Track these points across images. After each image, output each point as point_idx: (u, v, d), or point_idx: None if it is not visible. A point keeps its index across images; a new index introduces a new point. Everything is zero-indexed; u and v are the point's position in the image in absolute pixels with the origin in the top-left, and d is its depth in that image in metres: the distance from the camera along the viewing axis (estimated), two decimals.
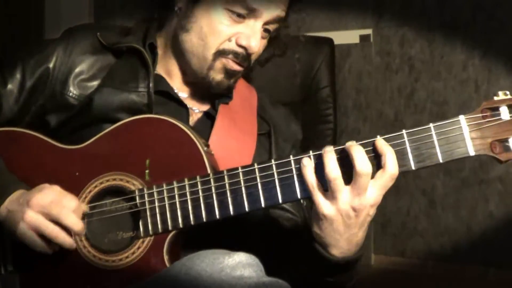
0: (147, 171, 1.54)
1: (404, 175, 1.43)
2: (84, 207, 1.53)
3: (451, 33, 4.29)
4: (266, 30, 1.67)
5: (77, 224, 1.49)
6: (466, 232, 4.29)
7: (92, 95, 1.65)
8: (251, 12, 1.62)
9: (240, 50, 1.64)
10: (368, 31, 4.57)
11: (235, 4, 1.60)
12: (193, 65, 1.67)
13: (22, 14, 4.72)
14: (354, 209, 1.42)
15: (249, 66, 1.72)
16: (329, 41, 3.19)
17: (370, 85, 4.58)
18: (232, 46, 1.64)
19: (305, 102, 3.05)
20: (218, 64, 1.65)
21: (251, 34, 1.63)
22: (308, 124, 2.96)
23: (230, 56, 1.64)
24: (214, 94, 1.71)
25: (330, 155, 1.39)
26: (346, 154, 1.40)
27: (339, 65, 4.43)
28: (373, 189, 1.40)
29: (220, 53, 1.64)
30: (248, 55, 1.65)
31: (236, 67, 1.66)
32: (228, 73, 1.66)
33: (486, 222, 4.23)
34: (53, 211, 1.47)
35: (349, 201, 1.40)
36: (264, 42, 1.70)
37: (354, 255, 1.49)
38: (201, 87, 1.70)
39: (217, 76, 1.66)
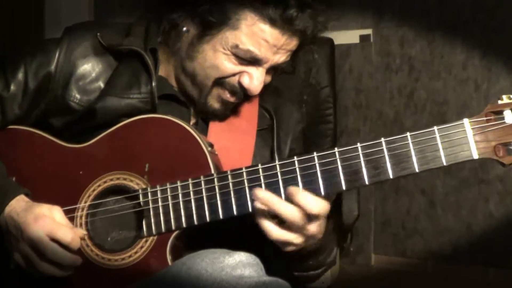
0: (145, 176, 1.55)
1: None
2: (81, 233, 1.53)
3: (451, 33, 4.28)
4: (272, 69, 1.66)
5: (66, 258, 1.49)
6: (466, 232, 4.29)
7: (95, 103, 1.65)
8: (255, 60, 1.61)
9: (238, 88, 1.63)
10: (368, 31, 4.56)
11: (239, 52, 1.59)
12: (193, 91, 1.67)
13: (22, 14, 4.71)
14: None
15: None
16: (329, 41, 3.19)
17: (370, 85, 4.57)
18: (233, 81, 1.63)
19: (305, 102, 3.05)
20: (215, 91, 1.64)
21: (254, 76, 1.61)
22: (308, 124, 2.97)
23: (228, 89, 1.64)
24: None
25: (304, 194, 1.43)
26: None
27: (339, 65, 4.42)
28: None
29: (219, 83, 1.63)
30: (246, 95, 1.65)
31: (232, 99, 1.66)
32: (224, 103, 1.66)
33: (486, 222, 4.23)
34: (40, 247, 1.47)
35: None
36: (270, 75, 1.68)
37: (320, 243, 1.54)
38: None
39: (215, 104, 1.66)
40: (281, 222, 1.45)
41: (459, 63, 4.28)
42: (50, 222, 1.49)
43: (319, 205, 1.42)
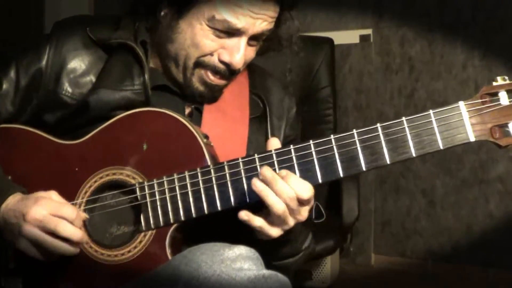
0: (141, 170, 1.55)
1: (403, 175, 1.45)
2: (83, 214, 1.53)
3: (451, 33, 4.28)
4: (254, 39, 1.64)
5: (76, 234, 1.49)
6: (466, 232, 4.28)
7: (88, 96, 1.64)
8: (234, 31, 1.59)
9: (221, 66, 1.62)
10: (368, 31, 4.56)
11: (217, 23, 1.58)
12: (178, 75, 1.66)
13: (22, 14, 4.72)
14: None
15: (236, 75, 1.69)
16: (329, 41, 3.20)
17: (370, 85, 4.57)
18: (212, 61, 1.62)
19: (305, 102, 3.07)
20: (197, 72, 1.63)
21: (234, 50, 1.60)
22: (308, 124, 2.98)
23: (209, 70, 1.63)
24: None
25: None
26: None
27: (339, 65, 4.43)
28: None
29: (199, 64, 1.62)
30: (231, 71, 1.63)
31: (215, 80, 1.64)
32: (208, 85, 1.65)
33: (486, 222, 4.23)
34: (50, 224, 1.47)
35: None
36: (254, 48, 1.67)
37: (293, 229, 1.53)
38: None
39: (199, 86, 1.65)
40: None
41: (459, 63, 4.28)
42: (50, 201, 1.49)
43: (308, 190, 1.42)
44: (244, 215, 1.45)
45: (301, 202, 1.43)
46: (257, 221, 1.45)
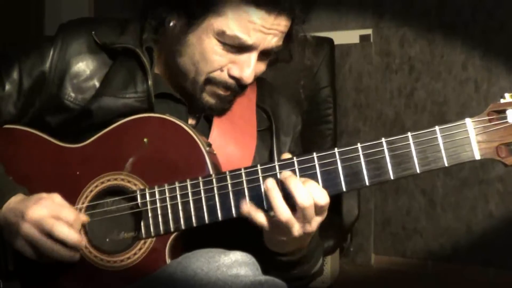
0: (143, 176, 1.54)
1: None
2: (84, 218, 1.52)
3: (451, 33, 4.28)
4: (264, 54, 1.61)
5: (72, 237, 1.46)
6: (466, 232, 4.29)
7: (90, 104, 1.62)
8: (245, 46, 1.56)
9: (231, 81, 1.59)
10: (368, 31, 4.56)
11: (227, 38, 1.55)
12: (187, 88, 1.64)
13: (22, 14, 4.71)
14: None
15: (246, 88, 1.67)
16: (329, 41, 3.19)
17: (370, 85, 4.57)
18: (223, 76, 1.59)
19: (305, 102, 3.05)
20: (209, 88, 1.61)
21: (244, 65, 1.57)
22: (308, 124, 2.96)
23: (220, 86, 1.60)
24: None
25: (294, 180, 1.39)
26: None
27: (339, 65, 4.42)
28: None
29: (210, 81, 1.60)
30: (241, 85, 1.61)
31: (228, 94, 1.62)
32: (221, 98, 1.63)
33: (486, 222, 4.23)
34: (47, 225, 1.45)
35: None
36: (265, 62, 1.64)
37: (308, 250, 1.53)
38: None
39: (210, 100, 1.62)
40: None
41: (459, 63, 4.28)
42: (51, 203, 1.47)
43: (326, 197, 1.39)
44: (246, 207, 1.42)
45: (316, 211, 1.40)
46: (260, 217, 1.42)
